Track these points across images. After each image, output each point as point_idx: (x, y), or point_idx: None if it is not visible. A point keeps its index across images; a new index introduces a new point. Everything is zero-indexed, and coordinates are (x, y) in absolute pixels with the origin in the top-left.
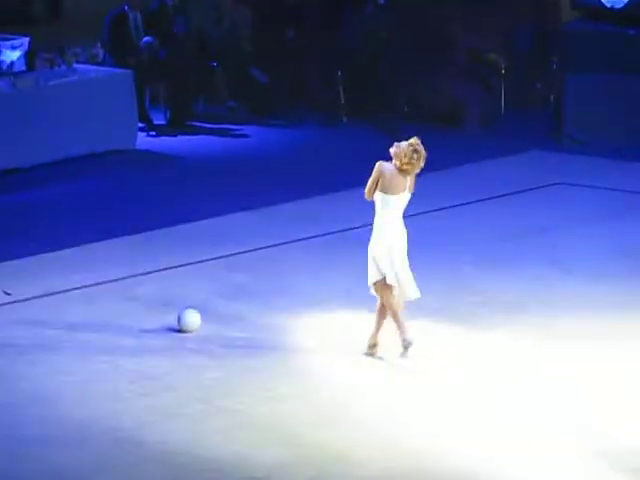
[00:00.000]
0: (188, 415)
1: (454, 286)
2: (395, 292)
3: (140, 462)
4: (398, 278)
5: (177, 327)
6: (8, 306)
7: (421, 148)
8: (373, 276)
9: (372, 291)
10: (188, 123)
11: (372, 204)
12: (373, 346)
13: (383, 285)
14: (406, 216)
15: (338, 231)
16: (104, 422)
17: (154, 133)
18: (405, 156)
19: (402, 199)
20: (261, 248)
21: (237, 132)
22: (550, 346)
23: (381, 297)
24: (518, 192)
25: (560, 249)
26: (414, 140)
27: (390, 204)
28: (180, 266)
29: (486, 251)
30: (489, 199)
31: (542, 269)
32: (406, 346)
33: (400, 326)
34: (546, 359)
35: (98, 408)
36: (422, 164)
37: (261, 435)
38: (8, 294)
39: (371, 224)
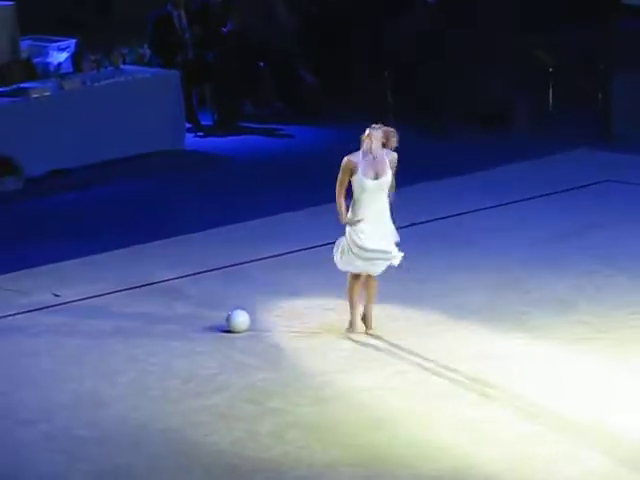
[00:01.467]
0: (239, 416)
1: (503, 284)
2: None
3: (191, 463)
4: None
5: (226, 327)
6: (57, 307)
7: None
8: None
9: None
10: (235, 124)
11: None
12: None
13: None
14: (453, 215)
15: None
16: (156, 423)
17: (202, 134)
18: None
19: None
20: (309, 248)
21: (284, 132)
22: (601, 344)
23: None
24: (567, 190)
25: (610, 247)
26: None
27: (367, 189)
28: (228, 266)
29: (535, 249)
30: (538, 197)
31: (592, 266)
32: (349, 331)
33: (352, 307)
34: (598, 356)
35: (149, 409)
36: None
37: (312, 436)
38: (57, 296)
39: (417, 223)
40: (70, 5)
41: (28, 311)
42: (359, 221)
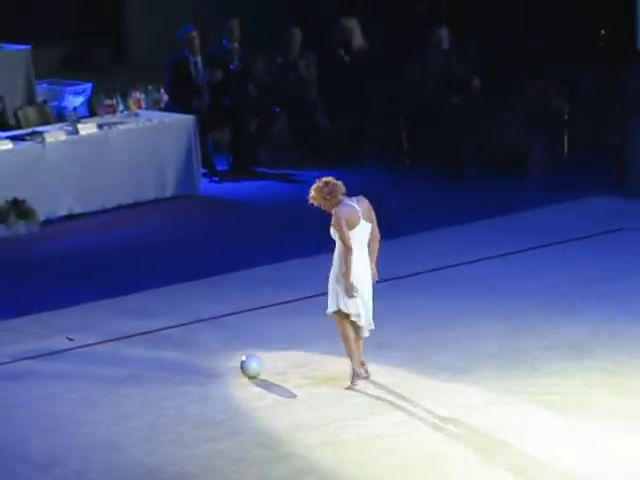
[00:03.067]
0: (253, 461)
1: (519, 329)
2: (361, 323)
3: None
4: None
5: (240, 373)
6: (70, 352)
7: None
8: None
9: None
10: (251, 169)
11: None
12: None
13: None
14: (466, 263)
15: (405, 276)
16: (170, 467)
17: (217, 179)
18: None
19: (363, 229)
20: (325, 294)
21: (298, 178)
22: (615, 391)
23: (338, 324)
24: (582, 238)
25: (626, 295)
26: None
27: (354, 237)
28: (243, 312)
29: (550, 297)
30: (552, 244)
31: (607, 314)
32: (355, 379)
33: (352, 356)
34: (612, 403)
35: (163, 454)
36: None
37: None
38: (71, 340)
39: (442, 268)
40: (85, 49)
41: (42, 355)
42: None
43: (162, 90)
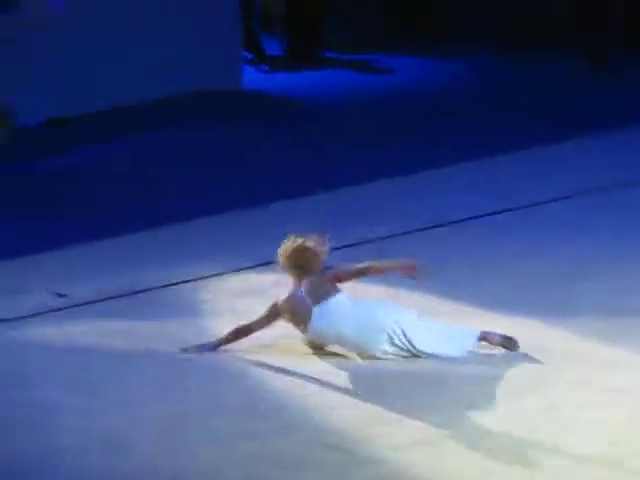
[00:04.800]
0: (320, 467)
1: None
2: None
3: None
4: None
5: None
6: (62, 313)
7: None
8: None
9: None
10: (315, 53)
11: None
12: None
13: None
14: (623, 184)
15: (529, 205)
16: (197, 474)
17: (267, 68)
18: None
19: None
20: (418, 230)
21: (383, 66)
22: None
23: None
24: None
25: None
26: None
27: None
28: None
29: None
30: None
31: None
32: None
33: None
34: None
35: (188, 454)
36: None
37: None
38: (62, 296)
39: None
40: None
41: (25, 317)
42: None
43: None
